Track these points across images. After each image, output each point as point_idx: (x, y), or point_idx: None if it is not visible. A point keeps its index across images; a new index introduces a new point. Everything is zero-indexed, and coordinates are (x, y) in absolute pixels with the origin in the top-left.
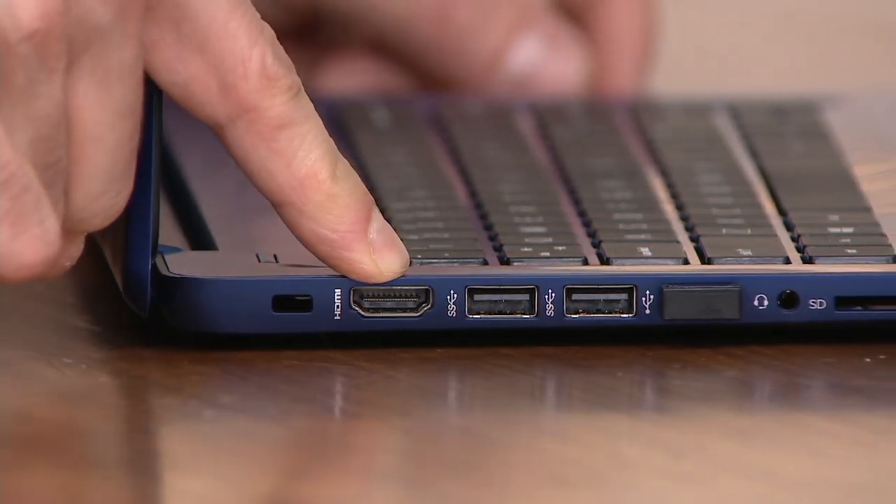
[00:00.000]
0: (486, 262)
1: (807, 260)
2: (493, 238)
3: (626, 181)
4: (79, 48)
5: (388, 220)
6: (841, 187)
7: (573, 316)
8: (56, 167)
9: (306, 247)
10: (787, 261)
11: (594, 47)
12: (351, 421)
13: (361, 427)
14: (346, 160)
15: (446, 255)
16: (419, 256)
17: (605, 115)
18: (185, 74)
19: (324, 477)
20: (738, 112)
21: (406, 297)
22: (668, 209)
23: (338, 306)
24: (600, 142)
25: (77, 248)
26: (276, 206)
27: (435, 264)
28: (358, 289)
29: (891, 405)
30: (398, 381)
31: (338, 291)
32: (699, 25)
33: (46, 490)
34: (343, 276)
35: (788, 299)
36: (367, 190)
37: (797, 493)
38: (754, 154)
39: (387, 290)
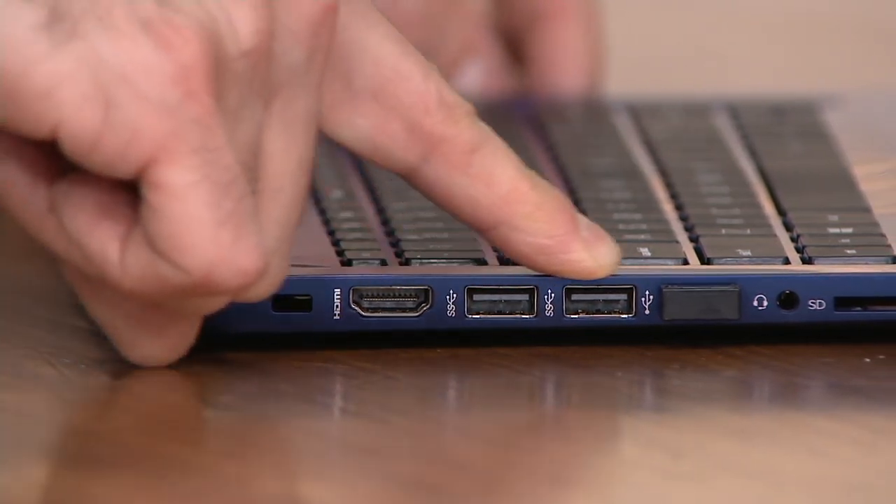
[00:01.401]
0: (485, 262)
1: (806, 260)
2: None
3: (626, 181)
4: (273, 88)
5: (388, 221)
6: (840, 187)
7: (573, 316)
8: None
9: (524, 262)
10: (787, 261)
11: (536, 69)
12: (350, 421)
13: (361, 427)
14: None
15: (446, 254)
16: (418, 256)
17: (604, 114)
18: (367, 127)
19: (323, 477)
20: (737, 112)
21: (405, 297)
22: (668, 209)
23: (337, 306)
24: (599, 141)
25: (200, 322)
26: (487, 232)
27: (434, 264)
28: (357, 289)
29: (890, 405)
30: (397, 381)
31: (337, 291)
32: (698, 25)
33: (45, 490)
34: (342, 276)
35: (788, 300)
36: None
37: (796, 492)
38: (753, 154)
39: (386, 290)
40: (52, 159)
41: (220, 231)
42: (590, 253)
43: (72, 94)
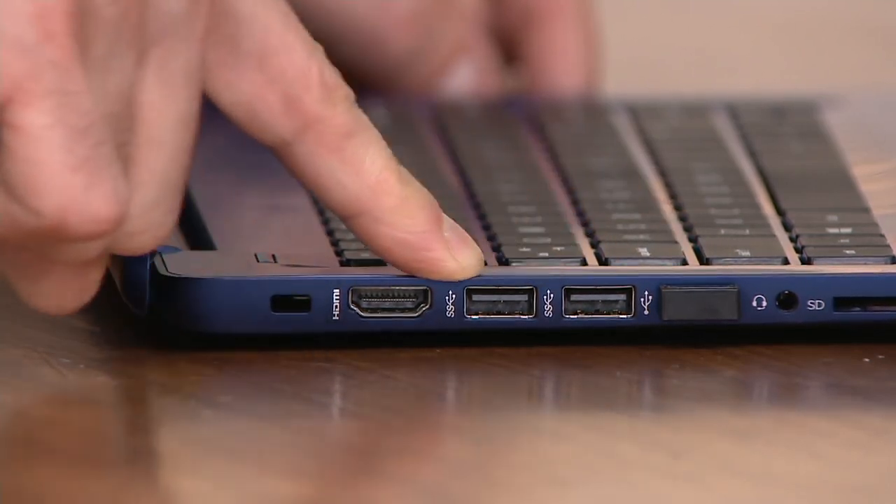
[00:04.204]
0: (484, 263)
1: (805, 260)
2: (491, 238)
3: (625, 181)
4: (150, 39)
5: None
6: (839, 187)
7: (572, 316)
8: (123, 150)
9: (384, 256)
10: (786, 261)
11: (531, 69)
12: (349, 421)
13: (359, 427)
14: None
15: None
16: None
17: (603, 114)
18: (248, 93)
19: (322, 477)
20: (736, 112)
21: (404, 297)
22: (667, 209)
23: (336, 306)
24: (599, 142)
25: (99, 275)
26: (350, 219)
27: None
28: (356, 289)
29: (889, 405)
30: (396, 381)
31: (336, 291)
32: (697, 26)
33: (45, 490)
34: (341, 277)
35: (787, 300)
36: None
37: (795, 493)
38: (753, 154)
39: (385, 291)
40: None
41: (72, 176)
42: (451, 253)
43: None
